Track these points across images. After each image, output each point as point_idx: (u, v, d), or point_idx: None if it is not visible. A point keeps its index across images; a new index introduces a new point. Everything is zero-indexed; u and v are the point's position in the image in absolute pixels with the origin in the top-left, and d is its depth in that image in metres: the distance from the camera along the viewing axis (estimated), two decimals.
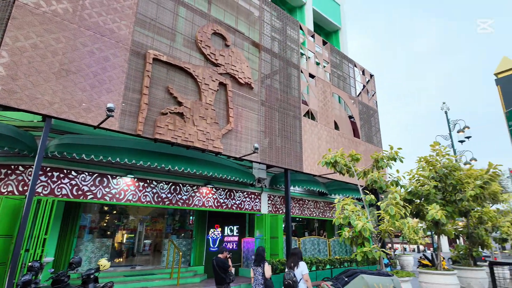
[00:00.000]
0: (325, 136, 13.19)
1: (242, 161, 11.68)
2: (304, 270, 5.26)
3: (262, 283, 5.83)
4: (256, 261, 6.10)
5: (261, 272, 5.91)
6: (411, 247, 43.04)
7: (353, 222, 6.14)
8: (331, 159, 7.65)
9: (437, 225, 7.87)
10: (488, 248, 10.00)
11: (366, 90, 18.09)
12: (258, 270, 5.98)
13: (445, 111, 16.59)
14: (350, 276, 3.34)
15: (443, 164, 8.12)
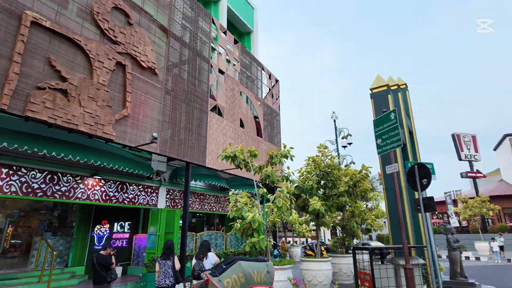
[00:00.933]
0: (231, 132, 13.42)
1: (140, 152, 10.88)
2: (214, 259, 5.63)
3: (172, 275, 5.84)
4: (164, 254, 6.06)
5: (170, 265, 5.90)
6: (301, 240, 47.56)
7: (245, 214, 6.37)
8: (230, 153, 7.79)
9: (318, 217, 8.85)
10: (358, 238, 11.82)
11: (271, 93, 19.21)
12: (167, 263, 5.94)
13: (334, 120, 18.91)
14: (228, 264, 3.41)
15: (326, 163, 9.18)
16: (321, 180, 9.00)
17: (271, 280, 3.53)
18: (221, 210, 14.11)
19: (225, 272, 3.25)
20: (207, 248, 6.11)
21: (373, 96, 8.43)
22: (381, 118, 6.01)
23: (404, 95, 9.18)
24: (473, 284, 6.15)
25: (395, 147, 5.52)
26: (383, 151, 5.84)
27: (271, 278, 3.53)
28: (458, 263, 6.43)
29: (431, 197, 5.69)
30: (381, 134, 5.91)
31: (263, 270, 3.49)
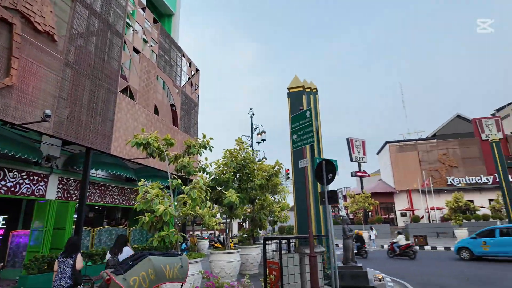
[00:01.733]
0: (143, 118, 12.38)
1: (27, 132, 9.08)
2: (130, 254, 5.23)
3: (70, 275, 5.02)
4: (66, 251, 5.26)
5: (70, 264, 5.14)
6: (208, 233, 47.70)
7: (155, 206, 5.91)
8: (143, 140, 7.13)
9: (231, 209, 8.89)
10: (264, 229, 12.38)
11: (191, 82, 18.54)
12: (67, 261, 5.16)
13: (251, 116, 19.39)
14: (136, 260, 3.05)
15: (243, 157, 9.30)
16: (237, 173, 9.07)
17: (184, 275, 3.31)
18: (126, 203, 12.94)
19: (131, 269, 2.88)
20: (123, 241, 5.71)
21: (290, 95, 8.88)
22: (298, 116, 6.36)
23: (314, 98, 9.98)
24: (361, 268, 7.10)
25: (308, 143, 5.92)
26: (298, 146, 6.19)
27: (185, 273, 3.30)
28: (350, 250, 7.33)
29: (334, 191, 6.30)
30: (297, 130, 6.25)
31: (176, 265, 3.23)
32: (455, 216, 24.39)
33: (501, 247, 13.36)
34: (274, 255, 5.90)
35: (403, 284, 8.85)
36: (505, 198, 21.22)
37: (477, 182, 35.91)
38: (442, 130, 45.30)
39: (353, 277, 6.94)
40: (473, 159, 37.47)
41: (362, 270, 7.03)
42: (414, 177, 37.39)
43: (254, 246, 10.98)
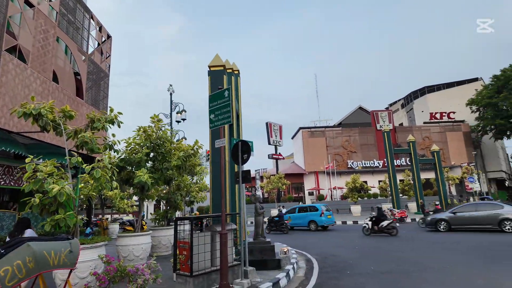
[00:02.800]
0: (38, 86, 10.57)
1: None
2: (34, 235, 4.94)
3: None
4: (16, 230, 5.12)
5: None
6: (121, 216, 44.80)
7: (47, 186, 5.15)
8: (32, 110, 6.06)
9: (142, 190, 8.40)
10: (180, 210, 12.16)
11: (101, 50, 16.51)
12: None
13: (170, 93, 18.44)
14: (10, 247, 2.60)
15: (158, 135, 8.79)
16: (151, 152, 8.55)
17: (74, 261, 2.96)
18: (14, 184, 11.02)
19: (3, 258, 2.44)
20: (25, 224, 5.33)
21: (210, 73, 8.66)
22: (216, 94, 6.25)
23: (236, 80, 9.97)
24: (269, 242, 7.60)
25: (225, 123, 5.89)
26: (215, 126, 6.12)
27: (74, 259, 2.95)
28: (260, 227, 7.75)
29: (248, 170, 6.48)
30: (214, 109, 6.15)
31: (64, 250, 2.86)
32: (352, 195, 28.10)
33: (297, 220, 18.84)
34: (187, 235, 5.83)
35: (305, 255, 9.87)
36: (390, 179, 25.32)
37: (371, 166, 41.90)
38: (347, 119, 51.05)
39: (261, 251, 7.38)
40: (369, 145, 43.41)
41: (270, 245, 7.54)
42: (321, 160, 41.49)
43: (168, 227, 10.70)
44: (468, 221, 13.58)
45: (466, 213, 13.82)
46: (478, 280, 5.99)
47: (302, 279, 6.87)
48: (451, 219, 14.08)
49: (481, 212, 13.35)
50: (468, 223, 13.58)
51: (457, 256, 8.54)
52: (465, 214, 13.77)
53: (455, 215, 14.06)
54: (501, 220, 12.60)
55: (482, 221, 13.15)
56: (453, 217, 14.07)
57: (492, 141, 47.34)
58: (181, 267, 5.48)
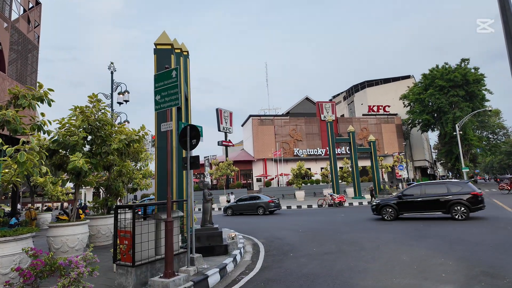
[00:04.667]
0: None
1: None
2: None
3: None
4: None
5: None
6: (55, 205, 41.00)
7: None
8: None
9: (78, 177, 7.68)
10: (121, 197, 11.43)
11: (27, 17, 14.46)
12: None
13: (111, 71, 17.00)
14: None
15: (97, 117, 8.05)
16: (89, 135, 7.79)
17: None
18: None
19: None
20: None
21: (156, 52, 8.12)
22: (162, 74, 5.85)
23: (185, 62, 9.50)
24: (217, 228, 7.55)
25: (172, 105, 5.56)
26: (161, 108, 5.75)
27: None
28: (208, 213, 7.63)
29: (197, 156, 6.27)
30: (161, 90, 5.76)
31: None
32: (296, 181, 29.35)
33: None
34: (128, 223, 5.49)
35: (251, 239, 10.06)
36: (331, 166, 26.94)
37: (315, 154, 44.10)
38: (294, 109, 52.69)
39: (208, 238, 7.31)
40: (313, 134, 45.53)
41: (217, 231, 7.49)
42: (270, 147, 42.45)
43: (108, 216, 10.02)
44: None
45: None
46: (403, 257, 6.70)
47: (248, 263, 6.99)
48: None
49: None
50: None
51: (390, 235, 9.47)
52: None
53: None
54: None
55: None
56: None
57: (419, 133, 53.10)
58: (122, 257, 5.15)
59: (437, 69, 45.65)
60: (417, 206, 12.25)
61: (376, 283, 5.06)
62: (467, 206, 11.30)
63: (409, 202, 12.40)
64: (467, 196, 11.45)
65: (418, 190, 12.53)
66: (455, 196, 11.58)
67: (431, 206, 11.98)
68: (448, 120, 42.00)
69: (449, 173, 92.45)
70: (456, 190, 11.75)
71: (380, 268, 5.92)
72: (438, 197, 11.88)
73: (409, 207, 12.41)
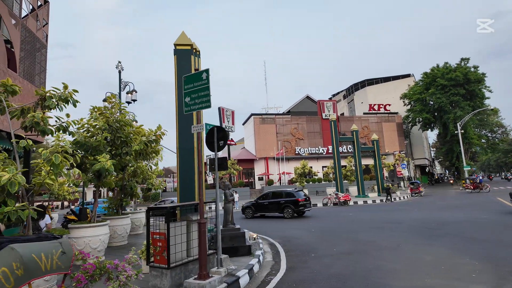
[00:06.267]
0: None
1: None
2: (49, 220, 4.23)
3: None
4: None
5: None
6: (55, 204, 40.79)
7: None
8: None
9: (99, 177, 7.67)
10: (136, 197, 11.42)
11: (36, 16, 14.34)
12: None
13: (119, 70, 16.92)
14: None
15: (116, 118, 8.03)
16: (110, 135, 7.77)
17: (68, 264, 2.53)
18: None
19: None
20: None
21: (176, 52, 8.08)
22: (192, 76, 5.84)
23: (198, 61, 9.50)
24: (239, 229, 7.58)
25: (203, 107, 5.55)
26: (191, 110, 5.74)
27: (68, 261, 2.52)
28: (230, 214, 7.66)
29: (225, 157, 6.29)
30: (190, 92, 5.75)
31: (56, 252, 2.44)
32: (300, 180, 29.42)
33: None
34: (158, 225, 5.51)
35: (266, 239, 10.10)
36: (335, 164, 27.03)
37: (316, 152, 44.17)
38: (295, 107, 52.69)
39: (232, 238, 7.33)
40: (314, 133, 45.59)
41: (240, 231, 7.52)
42: (271, 146, 42.47)
43: (123, 216, 10.02)
44: None
45: None
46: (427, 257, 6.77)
47: (272, 264, 7.02)
48: None
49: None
50: None
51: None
52: None
53: None
54: None
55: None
56: None
57: (419, 131, 53.38)
58: (155, 259, 5.17)
59: (437, 68, 45.83)
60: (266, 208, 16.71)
61: (408, 283, 5.12)
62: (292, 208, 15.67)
63: (261, 205, 16.97)
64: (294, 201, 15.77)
65: (267, 196, 17.11)
66: (287, 201, 15.89)
67: (274, 208, 16.27)
68: (450, 119, 42.21)
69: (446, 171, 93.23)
70: (288, 198, 16.13)
71: (407, 268, 5.99)
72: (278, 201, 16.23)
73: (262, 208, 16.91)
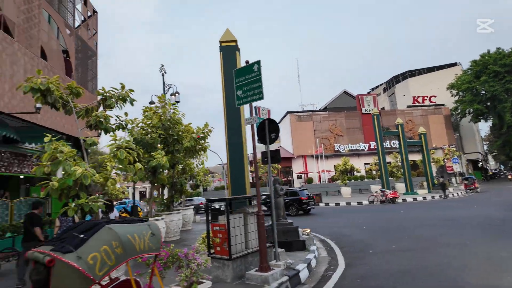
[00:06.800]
0: (26, 63, 9.65)
1: None
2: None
3: None
4: None
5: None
6: None
7: (69, 168, 4.66)
8: (40, 85, 5.43)
9: (154, 174, 7.96)
10: (185, 194, 11.75)
11: (87, 25, 15.36)
12: (68, 218, 5.47)
13: (162, 74, 17.58)
14: (88, 231, 2.22)
15: (169, 117, 8.29)
16: (164, 132, 8.05)
17: (159, 245, 2.59)
18: (4, 169, 10.18)
19: (85, 244, 2.07)
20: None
21: (222, 49, 8.18)
22: (243, 69, 5.83)
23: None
24: (291, 223, 7.45)
25: (256, 99, 5.52)
26: (243, 102, 5.74)
27: (158, 242, 2.58)
28: (281, 208, 7.56)
29: (277, 150, 6.20)
30: (242, 85, 5.75)
31: (146, 233, 2.50)
32: (342, 177, 28.55)
33: None
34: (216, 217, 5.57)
35: (317, 236, 9.85)
36: (380, 161, 25.83)
37: (357, 149, 42.66)
38: (332, 103, 51.35)
39: (284, 233, 7.22)
40: (354, 129, 44.05)
41: (293, 226, 7.39)
42: (309, 144, 41.76)
43: (174, 212, 10.33)
44: None
45: None
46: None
47: (328, 259, 6.80)
48: None
49: None
50: None
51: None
52: None
53: None
54: None
55: None
56: None
57: (469, 123, 49.38)
58: (215, 251, 5.20)
59: (489, 55, 42.04)
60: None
61: (485, 281, 4.65)
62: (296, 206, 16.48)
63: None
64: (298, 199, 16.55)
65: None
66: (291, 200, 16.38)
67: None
68: (505, 109, 38.51)
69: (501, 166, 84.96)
70: (292, 196, 16.68)
71: (480, 265, 5.46)
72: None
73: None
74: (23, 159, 10.97)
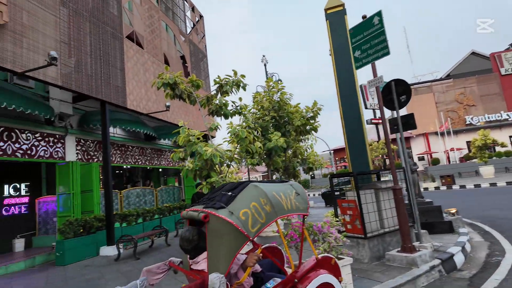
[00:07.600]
0: (154, 69, 11.16)
1: (32, 89, 8.03)
2: None
3: None
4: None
5: None
6: None
7: (201, 149, 5.00)
8: (169, 79, 6.06)
9: (270, 156, 8.03)
10: (297, 178, 11.66)
11: (196, 30, 16.89)
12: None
13: (264, 64, 17.91)
14: (234, 189, 2.16)
15: (278, 99, 8.23)
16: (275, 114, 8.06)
17: (306, 205, 2.43)
18: (148, 163, 12.18)
19: (235, 200, 2.01)
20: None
21: (328, 17, 7.53)
22: (359, 26, 5.16)
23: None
24: (431, 202, 6.35)
25: (379, 56, 4.78)
26: (363, 64, 5.08)
27: (305, 203, 2.42)
28: (416, 185, 6.53)
29: (411, 114, 5.29)
30: (360, 44, 5.09)
31: (291, 193, 2.35)
32: (481, 154, 23.59)
33: None
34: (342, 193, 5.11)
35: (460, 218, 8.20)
36: None
37: (497, 119, 34.65)
38: (457, 69, 43.02)
39: (424, 213, 6.19)
40: (491, 95, 35.85)
41: (434, 205, 6.27)
42: (430, 119, 36.14)
43: None
44: None
45: None
46: None
47: (487, 244, 5.48)
48: None
49: None
50: None
51: None
52: None
53: None
54: None
55: None
56: None
57: None
58: (346, 229, 4.77)
59: None
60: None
61: None
62: None
63: None
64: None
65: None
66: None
67: None
68: None
69: None
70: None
71: None
72: None
73: None
74: (160, 154, 12.88)
